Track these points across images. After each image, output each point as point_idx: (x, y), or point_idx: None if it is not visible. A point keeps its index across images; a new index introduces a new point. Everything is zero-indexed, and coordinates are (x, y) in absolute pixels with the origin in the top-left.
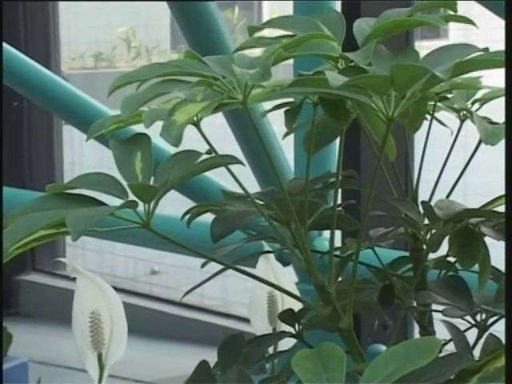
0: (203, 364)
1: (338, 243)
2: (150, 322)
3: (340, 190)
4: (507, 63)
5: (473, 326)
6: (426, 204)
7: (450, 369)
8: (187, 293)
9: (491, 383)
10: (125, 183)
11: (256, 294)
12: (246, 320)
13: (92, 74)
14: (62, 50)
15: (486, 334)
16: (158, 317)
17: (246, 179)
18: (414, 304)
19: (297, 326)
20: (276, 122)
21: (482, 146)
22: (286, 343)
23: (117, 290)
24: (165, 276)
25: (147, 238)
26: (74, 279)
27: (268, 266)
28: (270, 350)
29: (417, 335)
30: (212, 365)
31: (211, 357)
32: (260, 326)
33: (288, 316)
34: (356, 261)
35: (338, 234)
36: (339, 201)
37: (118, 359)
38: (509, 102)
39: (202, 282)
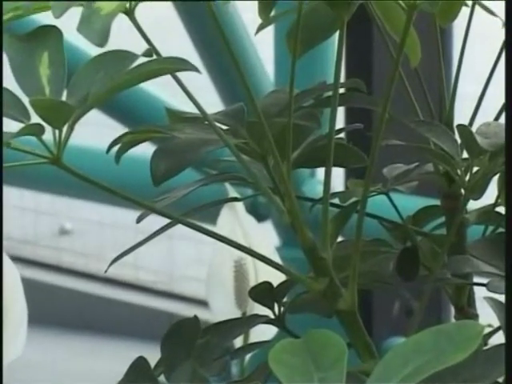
0: (140, 362)
1: (337, 187)
2: (59, 306)
3: (341, 110)
4: (507, 64)
5: None
6: (464, 129)
7: (497, 367)
8: (114, 261)
9: None
10: (26, 99)
11: (217, 263)
12: (201, 303)
13: None
14: None
15: None
16: (71, 297)
17: (202, 94)
18: (448, 275)
19: (277, 308)
20: (247, 9)
21: None
22: (262, 332)
23: (10, 257)
24: (81, 237)
25: (57, 179)
26: None
27: (235, 220)
28: (238, 341)
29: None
30: (154, 363)
31: (151, 354)
32: (222, 308)
33: (264, 293)
34: (363, 212)
35: (337, 173)
36: (339, 125)
37: (14, 359)
38: (509, 101)
39: (136, 245)
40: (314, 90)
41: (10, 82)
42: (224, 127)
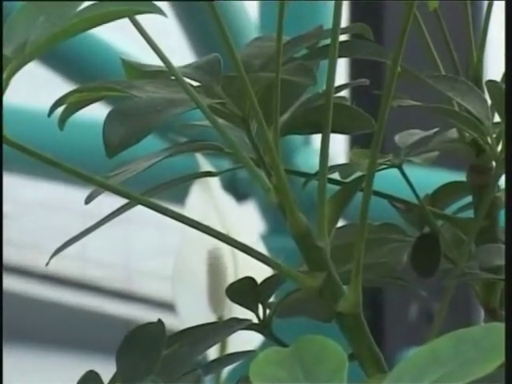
0: (91, 377)
1: (338, 159)
2: None
3: (343, 62)
4: (507, 65)
5: None
6: (495, 86)
7: None
8: (56, 253)
9: None
10: None
11: (185, 255)
12: (166, 305)
13: None
14: None
15: None
16: (6, 300)
17: (168, 42)
18: (476, 269)
19: (261, 310)
20: None
21: None
22: (243, 341)
23: None
24: (14, 222)
25: None
26: None
27: (208, 200)
28: (213, 352)
29: None
30: (107, 379)
31: (104, 368)
32: (193, 311)
33: (245, 292)
34: (369, 190)
35: (338, 141)
36: (340, 81)
37: None
38: (509, 103)
39: (84, 231)
40: (307, 38)
41: None
42: (195, 84)
